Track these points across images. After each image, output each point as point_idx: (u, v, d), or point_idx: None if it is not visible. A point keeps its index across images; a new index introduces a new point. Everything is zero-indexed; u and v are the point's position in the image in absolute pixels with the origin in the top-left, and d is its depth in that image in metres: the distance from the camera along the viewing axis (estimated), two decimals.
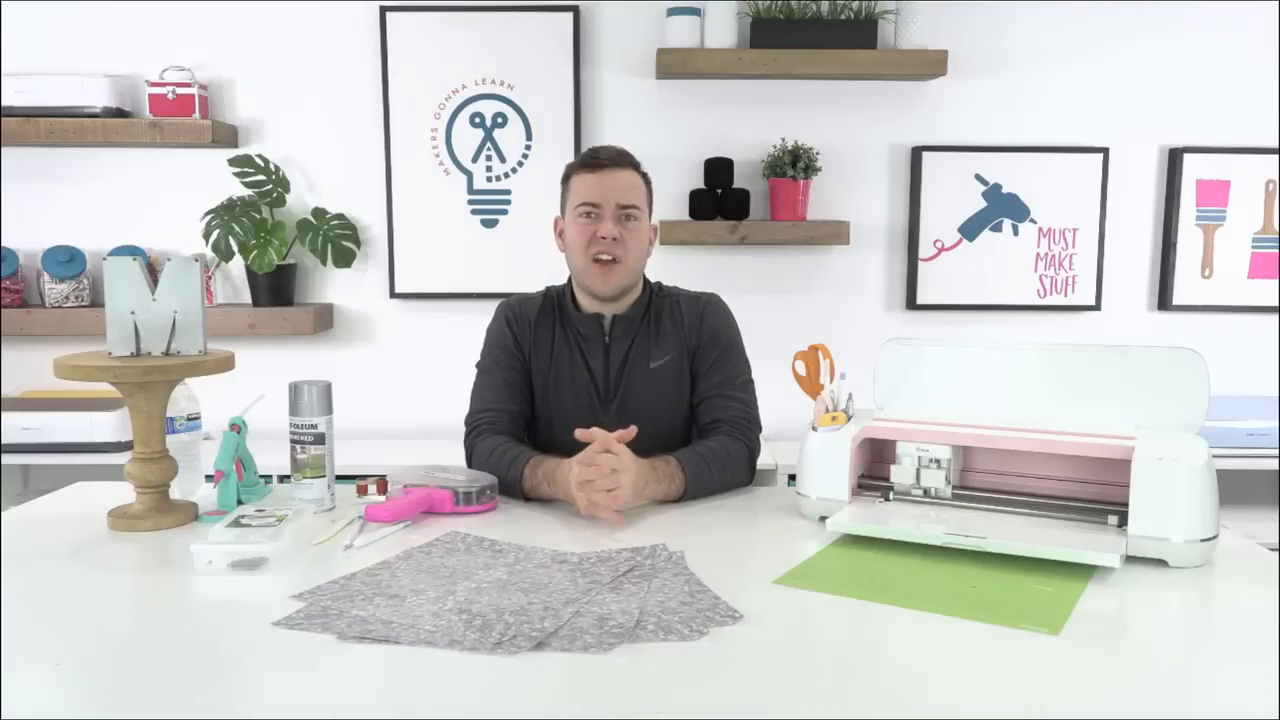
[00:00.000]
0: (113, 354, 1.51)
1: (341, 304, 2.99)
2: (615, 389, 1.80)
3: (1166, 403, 1.43)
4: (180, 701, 0.93)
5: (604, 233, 1.72)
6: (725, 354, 1.81)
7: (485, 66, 2.88)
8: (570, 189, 1.78)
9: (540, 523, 1.51)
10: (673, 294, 1.86)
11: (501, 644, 1.03)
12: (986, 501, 1.49)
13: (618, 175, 1.75)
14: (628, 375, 1.79)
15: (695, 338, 1.81)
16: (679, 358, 1.80)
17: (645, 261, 1.81)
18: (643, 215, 1.77)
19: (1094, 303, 2.99)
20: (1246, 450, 2.70)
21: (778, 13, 2.80)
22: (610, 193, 1.73)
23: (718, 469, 1.66)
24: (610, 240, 1.72)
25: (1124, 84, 2.93)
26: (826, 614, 1.17)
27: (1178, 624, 1.19)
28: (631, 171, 1.77)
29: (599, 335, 1.81)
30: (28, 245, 2.90)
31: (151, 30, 2.85)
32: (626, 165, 1.77)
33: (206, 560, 1.29)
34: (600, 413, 1.78)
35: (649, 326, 1.82)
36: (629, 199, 1.75)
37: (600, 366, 1.80)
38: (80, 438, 2.64)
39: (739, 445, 1.72)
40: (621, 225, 1.73)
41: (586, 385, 1.80)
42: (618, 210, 1.73)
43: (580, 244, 1.75)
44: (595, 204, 1.74)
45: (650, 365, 1.79)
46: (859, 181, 2.97)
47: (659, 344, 1.80)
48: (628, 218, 1.74)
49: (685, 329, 1.81)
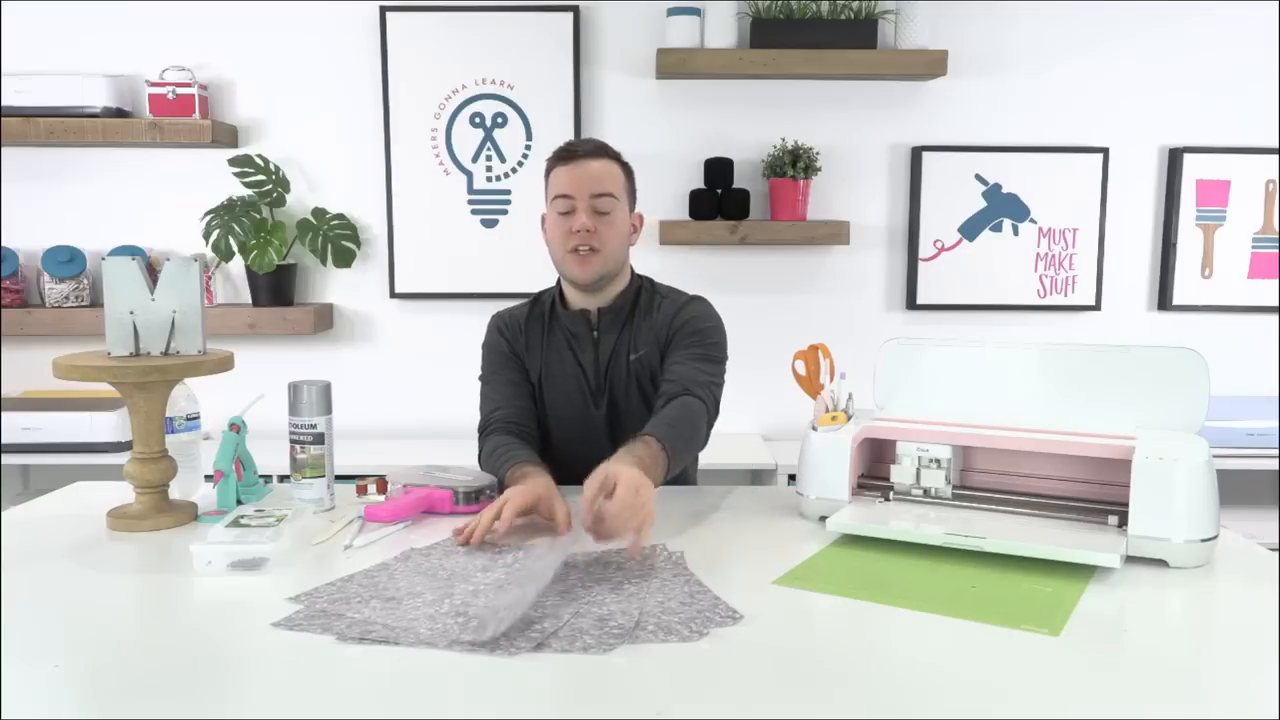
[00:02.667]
0: (112, 354, 1.51)
1: (341, 304, 2.99)
2: (604, 383, 1.80)
3: (1166, 403, 1.43)
4: (180, 701, 0.93)
5: (577, 225, 1.72)
6: (697, 338, 1.77)
7: (485, 66, 2.88)
8: (549, 183, 1.79)
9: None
10: (661, 291, 1.86)
11: (499, 643, 1.03)
12: (986, 501, 1.49)
13: (590, 165, 1.74)
14: (612, 369, 1.80)
15: (667, 330, 1.79)
16: (653, 351, 1.79)
17: (625, 250, 1.80)
18: (619, 205, 1.76)
19: (1094, 303, 2.99)
20: (1246, 450, 2.70)
21: (778, 13, 2.80)
22: (582, 184, 1.73)
23: (687, 432, 1.61)
24: (584, 233, 1.72)
25: (1124, 84, 2.93)
26: (826, 614, 1.17)
27: (1178, 624, 1.19)
28: (606, 161, 1.76)
29: (587, 330, 1.81)
30: (28, 245, 2.90)
31: (151, 30, 2.85)
32: (601, 155, 1.76)
33: (206, 560, 1.29)
34: (593, 406, 1.79)
35: (632, 319, 1.82)
36: (602, 189, 1.74)
37: (590, 361, 1.81)
38: (80, 438, 2.64)
39: (691, 400, 1.66)
40: (595, 217, 1.73)
41: (578, 381, 1.80)
42: (590, 202, 1.73)
43: (558, 237, 1.76)
44: (569, 196, 1.74)
45: (629, 357, 1.79)
46: (859, 181, 2.97)
47: (639, 337, 1.80)
48: (601, 211, 1.74)
49: (658, 324, 1.80)
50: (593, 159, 1.75)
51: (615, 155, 1.79)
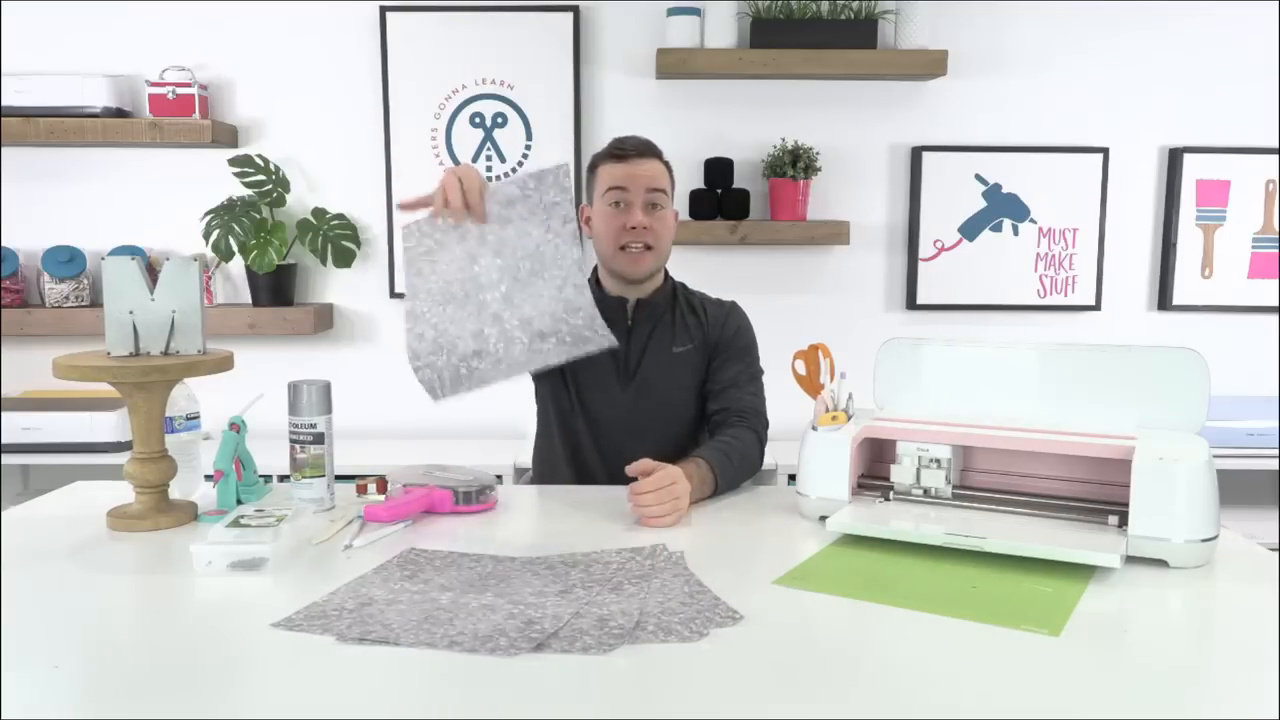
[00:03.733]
0: (111, 354, 1.51)
1: (341, 304, 2.99)
2: (636, 369, 1.86)
3: (1167, 403, 1.43)
4: (180, 702, 0.93)
5: (633, 222, 1.79)
6: (742, 353, 1.89)
7: (485, 66, 2.88)
8: (598, 178, 1.85)
9: (540, 523, 1.51)
10: (697, 294, 1.96)
11: (500, 646, 1.03)
12: (986, 501, 1.49)
13: (644, 165, 1.82)
14: (648, 357, 1.86)
15: (718, 333, 1.89)
16: (699, 350, 1.88)
17: (671, 246, 1.88)
18: (668, 203, 1.85)
19: (1094, 303, 2.99)
20: (1246, 450, 2.70)
21: (778, 13, 2.80)
22: (638, 182, 1.80)
23: (738, 462, 1.71)
24: (641, 229, 1.79)
25: (1124, 84, 2.93)
26: (826, 614, 1.17)
27: (1178, 624, 1.19)
28: (656, 161, 1.85)
29: (622, 318, 1.87)
30: (28, 245, 2.90)
31: (151, 30, 2.85)
32: (651, 155, 1.84)
33: (206, 560, 1.29)
34: (620, 391, 1.85)
35: (672, 315, 1.89)
36: (655, 184, 1.81)
37: (622, 347, 1.84)
38: (80, 438, 2.64)
39: (751, 435, 1.78)
40: (650, 214, 1.81)
41: (609, 364, 1.84)
42: (646, 199, 1.80)
43: (610, 233, 1.81)
44: (624, 189, 1.80)
45: (673, 350, 1.87)
46: (859, 181, 2.97)
47: (681, 333, 1.88)
48: (655, 206, 1.81)
49: (709, 325, 1.89)
50: (645, 159, 1.83)
51: (661, 154, 1.87)
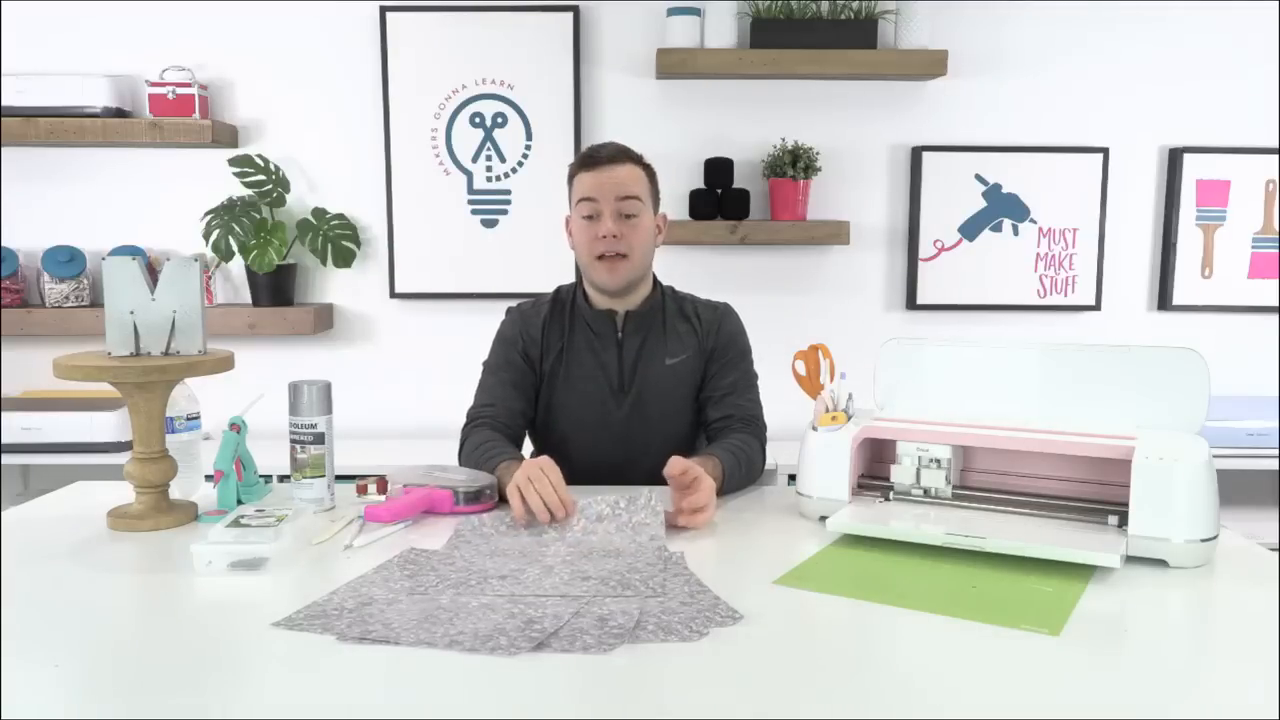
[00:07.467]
0: (112, 354, 1.51)
1: (341, 304, 2.99)
2: (630, 383, 1.82)
3: (1166, 403, 1.43)
4: (180, 701, 0.93)
5: (603, 231, 1.75)
6: (739, 358, 1.86)
7: (485, 66, 2.88)
8: (573, 188, 1.81)
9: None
10: (688, 299, 1.91)
11: (500, 646, 1.03)
12: (986, 501, 1.49)
13: (615, 171, 1.77)
14: (642, 370, 1.82)
15: (713, 340, 1.85)
16: (694, 358, 1.84)
17: (652, 253, 1.83)
18: (644, 209, 1.79)
19: (1094, 303, 2.99)
20: (1246, 450, 2.70)
21: (778, 13, 2.80)
22: (608, 190, 1.75)
23: (745, 465, 1.70)
24: (611, 238, 1.75)
25: (1124, 84, 2.93)
26: (826, 614, 1.17)
27: (1178, 624, 1.19)
28: (630, 165, 1.78)
29: (612, 331, 1.83)
30: (28, 245, 2.90)
31: (151, 30, 2.85)
32: (625, 160, 1.78)
33: (206, 560, 1.29)
34: (614, 406, 1.82)
35: (663, 324, 1.85)
36: (627, 194, 1.76)
37: (614, 361, 1.82)
38: (80, 438, 2.64)
39: (756, 442, 1.77)
40: (621, 222, 1.75)
41: (600, 379, 1.82)
42: (617, 207, 1.75)
43: (584, 243, 1.78)
44: (593, 199, 1.76)
45: (666, 361, 1.83)
46: (859, 181, 2.97)
47: (674, 342, 1.84)
48: (627, 214, 1.76)
49: (702, 332, 1.85)
50: (617, 165, 1.77)
51: (638, 158, 1.81)
